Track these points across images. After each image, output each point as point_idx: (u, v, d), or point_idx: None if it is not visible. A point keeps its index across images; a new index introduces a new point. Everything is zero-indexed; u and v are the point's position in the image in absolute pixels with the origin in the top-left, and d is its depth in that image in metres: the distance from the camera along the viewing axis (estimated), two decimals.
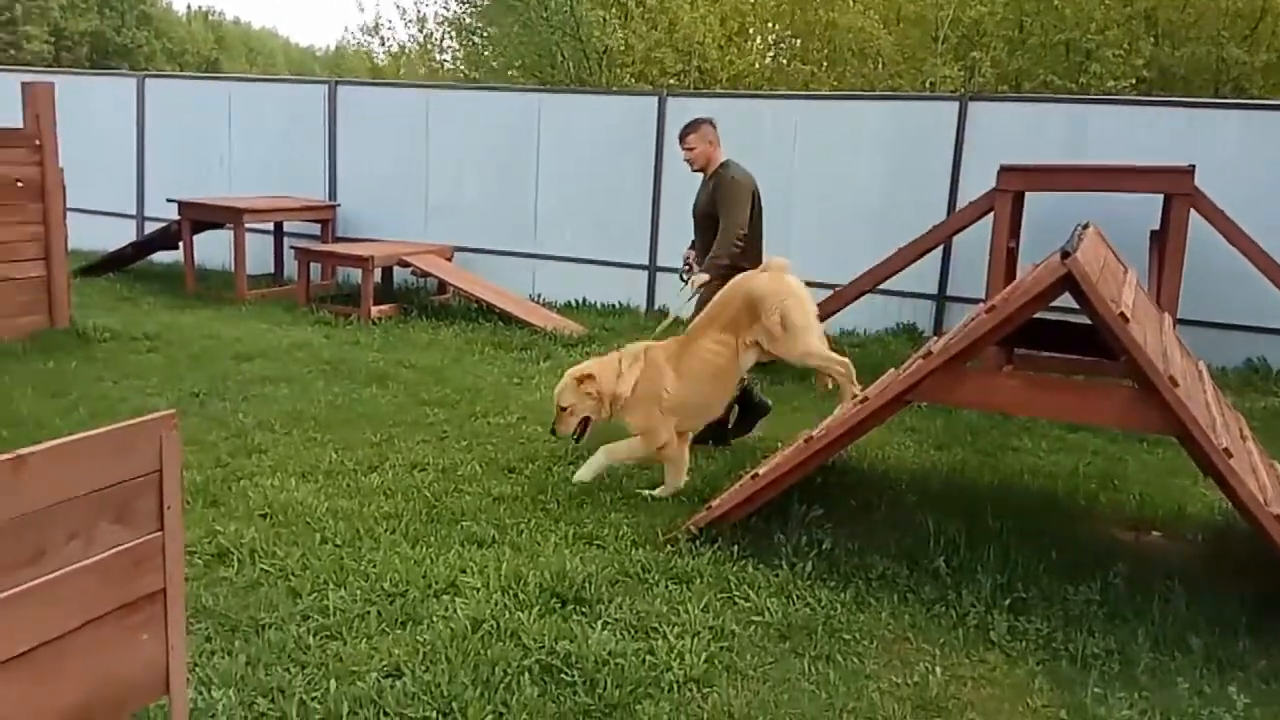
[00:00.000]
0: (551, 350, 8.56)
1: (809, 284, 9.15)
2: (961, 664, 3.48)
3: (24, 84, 7.49)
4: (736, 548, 4.23)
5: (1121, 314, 3.59)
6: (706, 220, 6.13)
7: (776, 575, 4.03)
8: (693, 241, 6.41)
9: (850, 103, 10.13)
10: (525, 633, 3.40)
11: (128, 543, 2.28)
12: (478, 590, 3.72)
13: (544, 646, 3.32)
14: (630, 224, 10.37)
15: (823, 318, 8.23)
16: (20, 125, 7.39)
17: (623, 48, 15.34)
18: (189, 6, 40.87)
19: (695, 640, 3.44)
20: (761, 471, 4.43)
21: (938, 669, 3.41)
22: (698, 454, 5.74)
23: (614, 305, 10.43)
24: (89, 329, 7.80)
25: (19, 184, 7.26)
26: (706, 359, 5.08)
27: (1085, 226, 4.60)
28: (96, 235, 11.62)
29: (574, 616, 3.57)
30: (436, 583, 3.79)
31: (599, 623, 3.52)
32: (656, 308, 10.32)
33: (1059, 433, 6.48)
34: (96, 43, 29.76)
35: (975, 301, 8.33)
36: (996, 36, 16.71)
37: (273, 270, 11.32)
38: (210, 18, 41.51)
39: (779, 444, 5.73)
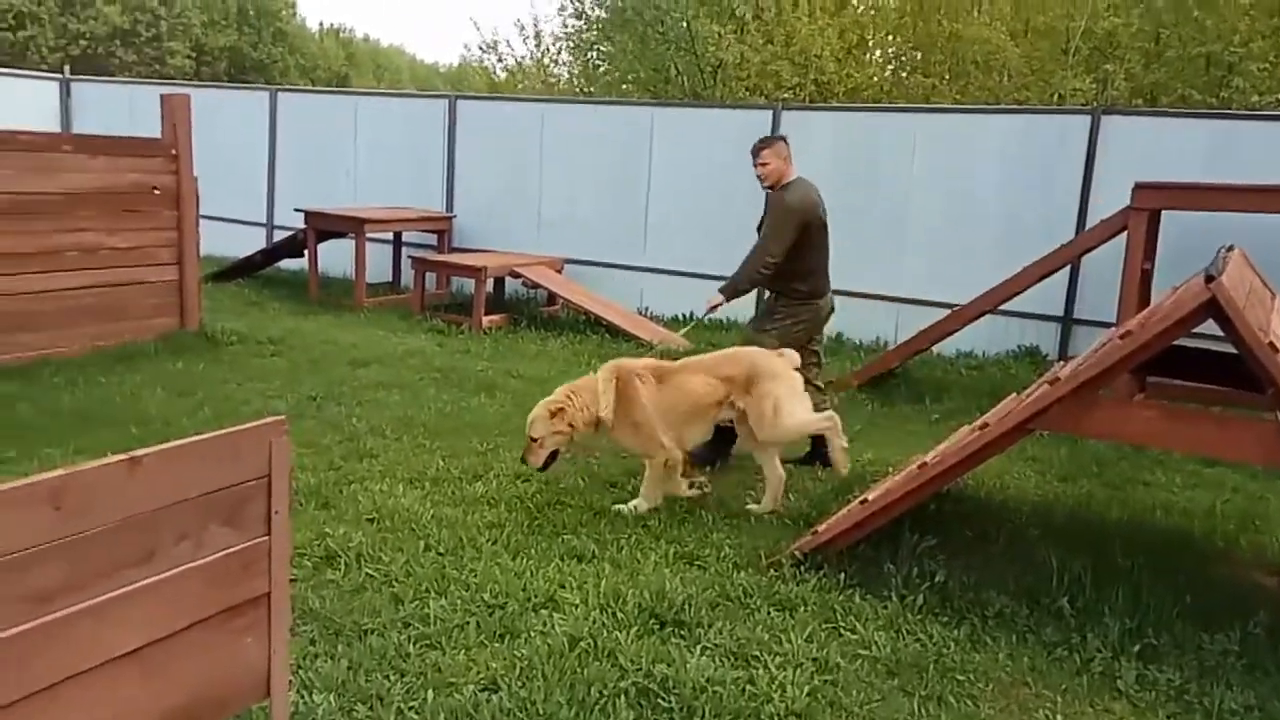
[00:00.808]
0: None
1: (927, 303, 9.04)
2: (1084, 713, 3.26)
3: (162, 96, 7.88)
4: (843, 576, 4.07)
5: (1271, 343, 3.31)
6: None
7: (885, 607, 3.87)
8: None
9: (974, 116, 9.79)
10: (623, 653, 3.33)
11: (236, 546, 2.32)
12: (576, 606, 3.68)
13: (641, 669, 3.25)
14: (741, 238, 10.17)
15: (940, 338, 8.05)
16: (159, 136, 7.77)
17: (738, 61, 15.23)
18: (321, 24, 42.75)
19: (798, 672, 3.32)
20: (871, 497, 4.26)
21: (1059, 717, 3.19)
22: (803, 475, 5.60)
23: (721, 320, 10.30)
24: (217, 332, 8.13)
25: (156, 191, 7.64)
26: (690, 391, 4.97)
27: (1229, 249, 4.29)
28: (228, 242, 12.18)
29: (672, 639, 3.49)
30: (535, 596, 3.76)
31: (698, 647, 3.43)
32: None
33: (1194, 467, 6.08)
34: (234, 58, 31.34)
35: (1104, 325, 7.93)
36: (1131, 49, 15.96)
37: (391, 279, 11.64)
38: (341, 35, 43.24)
39: (889, 468, 5.54)
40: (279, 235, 12.29)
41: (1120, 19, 15.55)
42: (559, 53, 20.21)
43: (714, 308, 6.08)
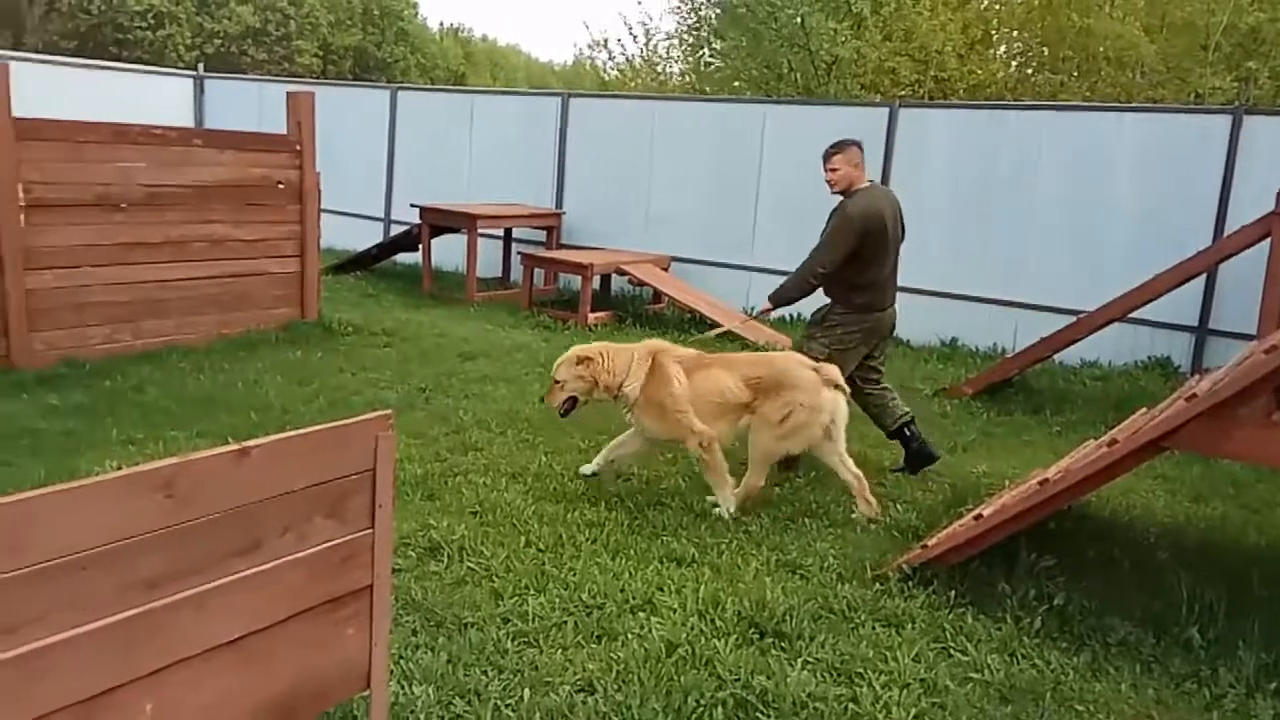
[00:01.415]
0: None
1: (1050, 309, 8.66)
2: None
3: (288, 93, 8.15)
4: (954, 593, 3.90)
5: None
6: None
7: (999, 629, 3.68)
8: None
9: (1105, 114, 9.31)
10: (721, 662, 3.25)
11: (339, 538, 2.33)
12: (674, 611, 3.62)
13: (740, 679, 3.16)
14: None
15: (1063, 346, 7.69)
16: (284, 131, 8.04)
17: (854, 57, 14.90)
18: (442, 24, 43.82)
19: (904, 692, 3.18)
20: (986, 513, 4.07)
21: None
22: (911, 485, 5.41)
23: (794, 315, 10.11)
24: (334, 323, 8.38)
25: (280, 186, 7.90)
26: (719, 387, 4.86)
27: None
28: (347, 235, 12.57)
29: (772, 651, 3.39)
30: (633, 598, 3.72)
31: (799, 660, 3.33)
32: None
33: None
34: (359, 57, 32.41)
35: (1243, 337, 7.44)
36: (1277, 46, 14.97)
37: (500, 274, 11.82)
38: (460, 34, 44.23)
39: (1005, 482, 5.31)
40: (395, 230, 12.61)
41: (1266, 14, 14.59)
42: (668, 51, 20.18)
43: (764, 313, 5.95)
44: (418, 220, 10.99)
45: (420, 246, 11.07)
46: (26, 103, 11.57)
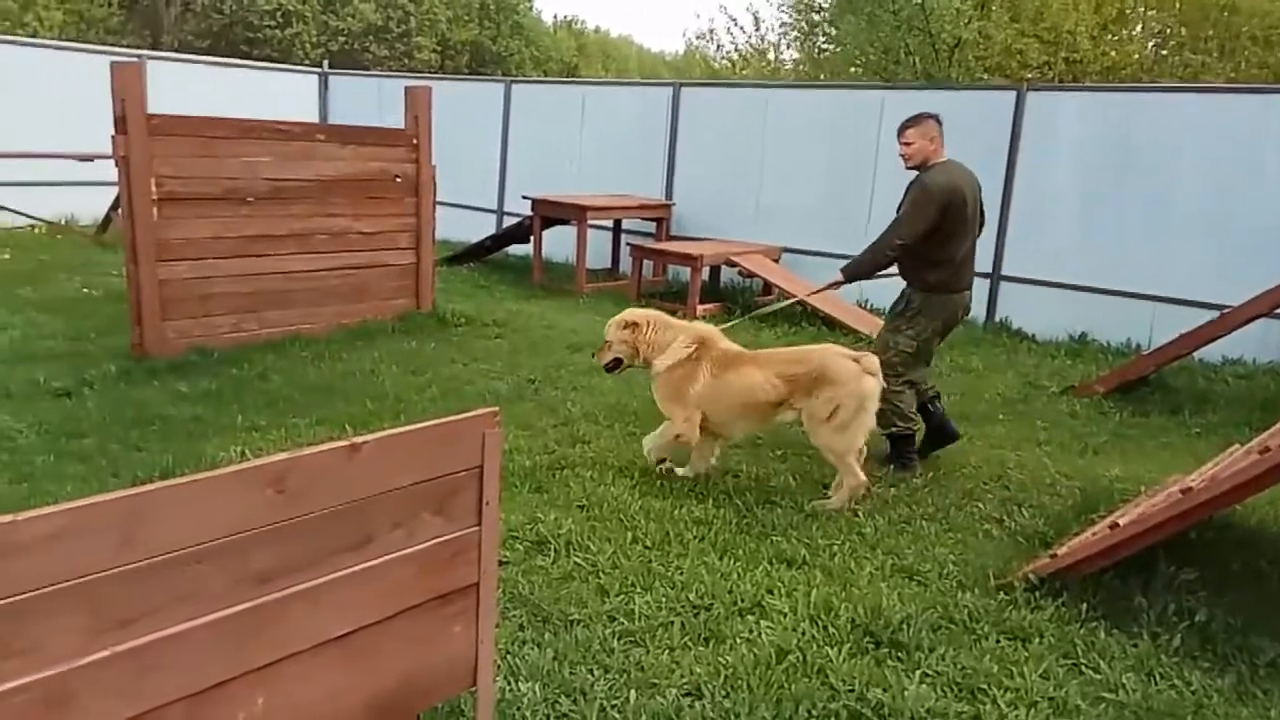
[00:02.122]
0: None
1: (1190, 303, 8.14)
2: None
3: (406, 88, 8.30)
4: (1085, 606, 3.67)
5: None
6: None
7: (1135, 646, 3.44)
8: None
9: (1253, 96, 8.69)
10: (833, 672, 3.13)
11: (446, 535, 2.31)
12: (784, 615, 3.50)
13: (854, 691, 3.04)
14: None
15: (1204, 343, 7.20)
16: (402, 126, 8.19)
17: (978, 39, 14.33)
18: (556, 16, 44.29)
19: (1031, 711, 3.00)
20: (1123, 521, 3.82)
21: None
22: (1038, 489, 5.13)
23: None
24: (448, 314, 8.51)
25: (398, 179, 8.06)
26: (748, 386, 4.78)
27: None
28: (462, 227, 12.78)
29: (888, 662, 3.25)
30: (742, 600, 3.62)
31: (917, 673, 3.17)
32: (997, 318, 9.52)
33: None
34: (475, 51, 33.01)
35: None
36: None
37: (610, 265, 11.82)
38: (573, 27, 44.61)
39: (1141, 488, 4.99)
40: (508, 221, 12.76)
41: None
42: (780, 38, 19.87)
43: (834, 285, 5.75)
44: (529, 212, 11.09)
45: (531, 238, 11.16)
46: (163, 99, 12.13)
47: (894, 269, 5.47)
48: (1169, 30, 15.94)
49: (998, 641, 3.45)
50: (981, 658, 3.30)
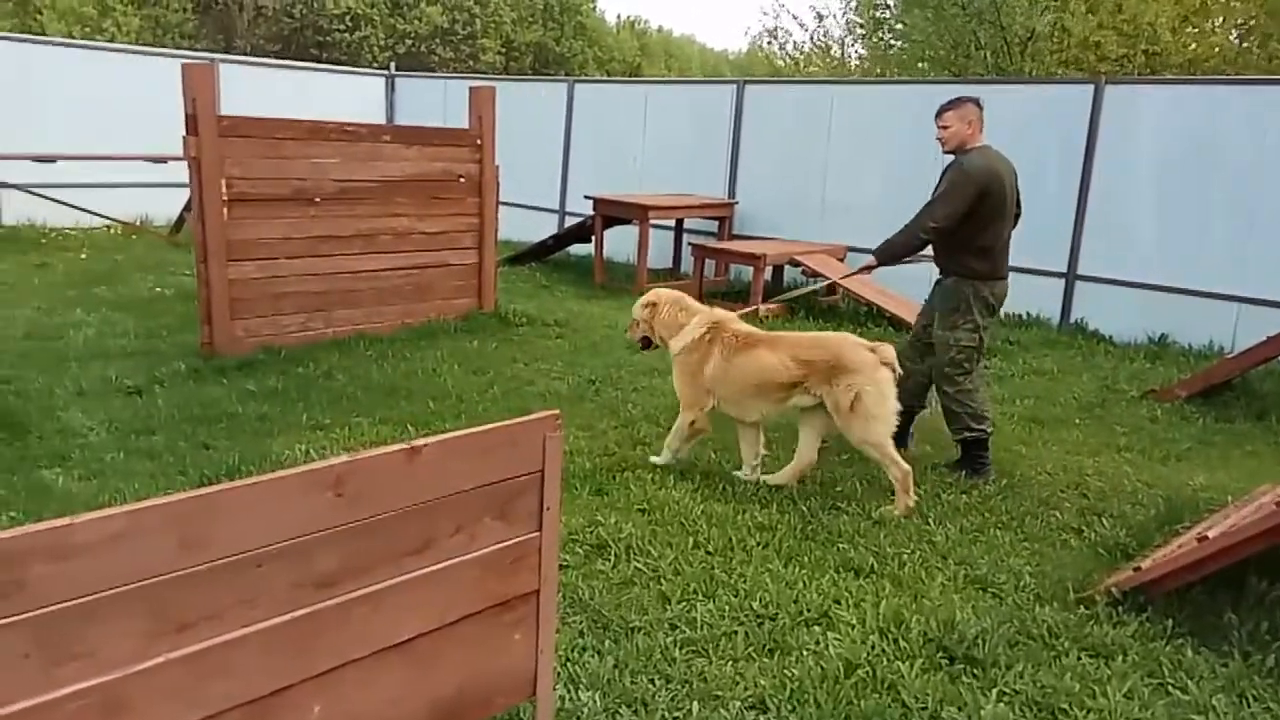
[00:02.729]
0: None
1: (1277, 305, 7.78)
2: None
3: (470, 89, 8.32)
4: (1171, 622, 3.49)
5: None
6: None
7: (1224, 666, 3.26)
8: None
9: None
10: (905, 688, 3.01)
11: (507, 540, 2.26)
12: (852, 627, 3.39)
13: (926, 709, 2.91)
14: (1046, 227, 9.31)
15: None
16: (466, 126, 8.21)
17: (1054, 32, 13.92)
18: (619, 16, 44.34)
19: None
20: (1212, 534, 3.62)
21: None
22: (1120, 499, 4.92)
23: (1021, 316, 9.48)
24: (509, 313, 8.51)
25: (461, 179, 8.08)
26: (762, 367, 4.76)
27: None
28: (524, 227, 12.81)
29: (963, 678, 3.11)
30: (808, 610, 3.51)
31: (993, 691, 3.04)
32: (1072, 319, 9.22)
33: None
34: (539, 52, 33.19)
35: None
36: None
37: (671, 265, 11.74)
38: (636, 26, 44.62)
39: (1228, 497, 4.76)
40: (570, 221, 12.76)
41: None
42: (844, 37, 19.58)
43: (866, 269, 5.70)
44: (591, 212, 11.06)
45: (593, 238, 11.14)
46: (235, 102, 12.37)
47: (928, 251, 5.41)
48: (1253, 21, 15.31)
49: (1079, 659, 3.29)
50: (1062, 676, 3.15)
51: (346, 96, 14.97)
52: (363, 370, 6.68)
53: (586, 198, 11.21)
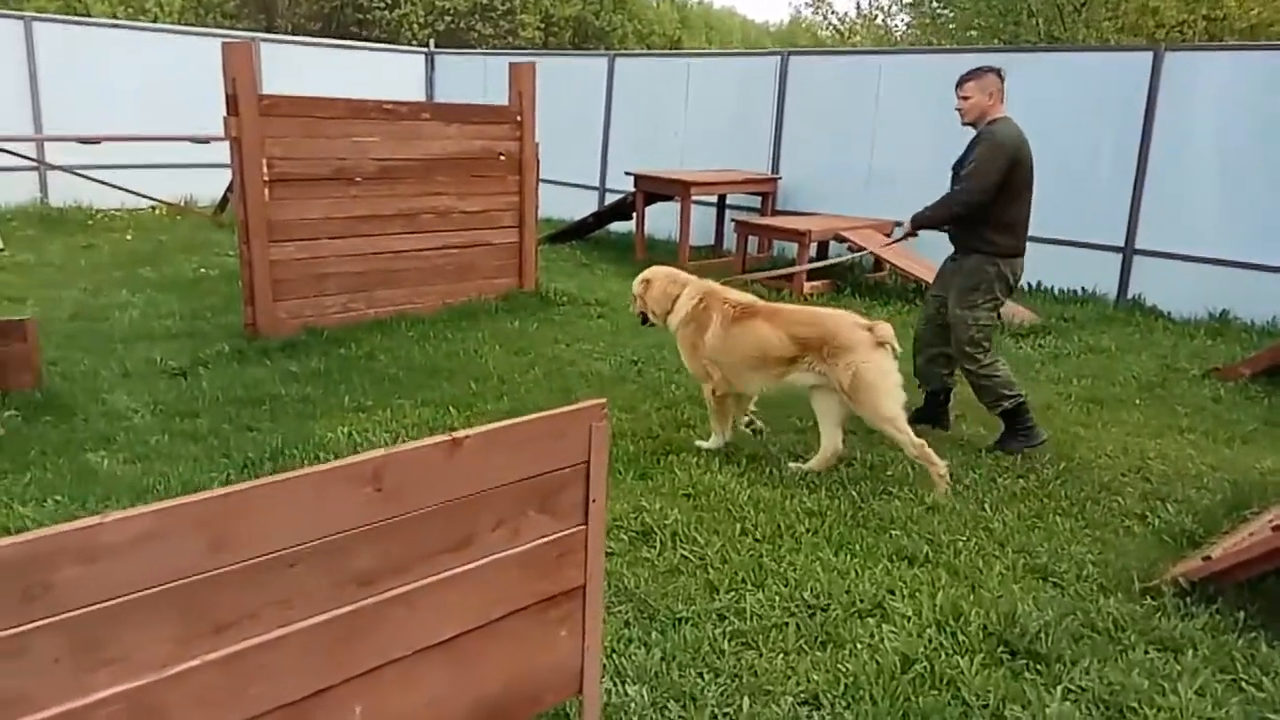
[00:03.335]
0: (997, 339, 7.64)
1: None
2: None
3: (510, 65, 8.20)
4: (1243, 614, 3.33)
5: None
6: (960, 184, 5.16)
7: None
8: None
9: None
10: (965, 684, 2.89)
11: (552, 534, 2.17)
12: (908, 619, 3.26)
13: (988, 706, 2.79)
14: (1103, 199, 9.06)
15: None
16: (506, 103, 8.11)
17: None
18: None
19: None
20: None
21: None
22: (1184, 483, 4.73)
23: (1076, 291, 9.22)
24: (550, 293, 8.43)
25: (501, 157, 7.99)
26: (759, 339, 4.69)
27: None
28: (564, 204, 12.70)
29: (1026, 674, 2.98)
30: (861, 600, 3.40)
31: (1058, 688, 2.90)
32: (1130, 295, 8.94)
33: None
34: (579, 27, 32.88)
35: None
36: None
37: (713, 242, 11.57)
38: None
39: None
40: (611, 198, 12.62)
41: None
42: (892, 3, 19.11)
43: (907, 236, 5.54)
44: (632, 188, 10.92)
45: (634, 215, 11.00)
46: (276, 81, 12.37)
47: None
48: None
49: (1146, 653, 3.14)
50: (1129, 671, 3.00)
51: (386, 74, 14.93)
52: (404, 351, 6.64)
53: (627, 174, 11.06)
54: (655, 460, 4.77)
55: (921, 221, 5.34)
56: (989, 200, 5.01)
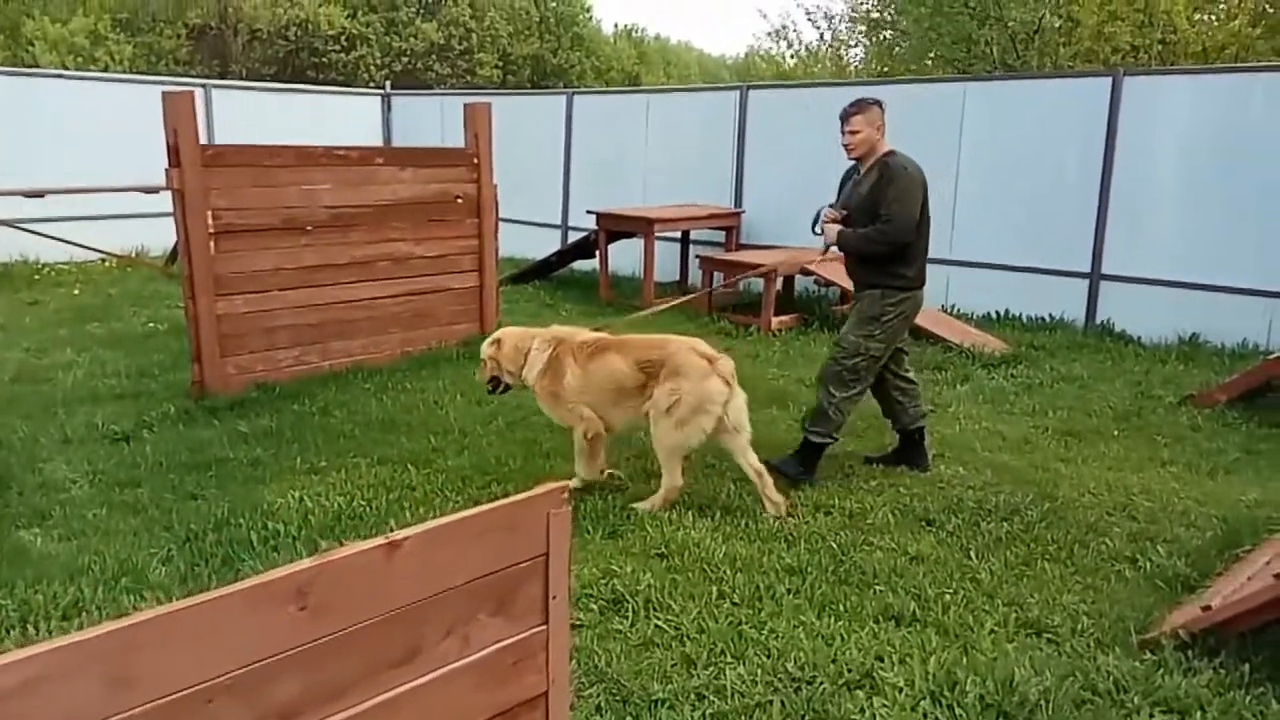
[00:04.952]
0: (969, 371, 7.60)
1: None
2: None
3: (465, 105, 8.03)
4: (1248, 667, 3.15)
5: None
6: (866, 217, 5.05)
7: None
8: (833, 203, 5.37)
9: None
10: None
11: (508, 638, 1.94)
12: (899, 691, 3.06)
13: None
14: (1067, 225, 9.02)
15: None
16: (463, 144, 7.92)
17: (1063, 25, 13.57)
18: (616, 25, 43.97)
19: None
20: None
21: None
22: (1171, 521, 4.58)
23: (1044, 319, 9.15)
24: None
25: (458, 200, 7.79)
26: (613, 373, 4.69)
27: None
28: (527, 243, 12.50)
29: None
30: (849, 670, 3.19)
31: None
32: (1098, 321, 8.88)
33: None
34: (536, 65, 32.90)
35: None
36: None
37: (678, 278, 11.42)
38: (633, 35, 44.33)
39: None
40: (574, 236, 12.45)
41: None
42: (850, 35, 19.25)
43: (828, 251, 5.48)
44: (594, 226, 10.76)
45: (597, 253, 10.83)
46: (232, 128, 12.12)
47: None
48: (1267, 7, 14.89)
49: (1152, 717, 2.96)
50: None
51: (342, 117, 14.71)
52: (360, 405, 6.38)
53: (589, 212, 10.91)
54: (625, 516, 4.55)
55: (843, 245, 5.17)
56: (913, 237, 4.92)
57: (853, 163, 5.34)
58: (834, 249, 5.35)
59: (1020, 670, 3.12)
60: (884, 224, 4.93)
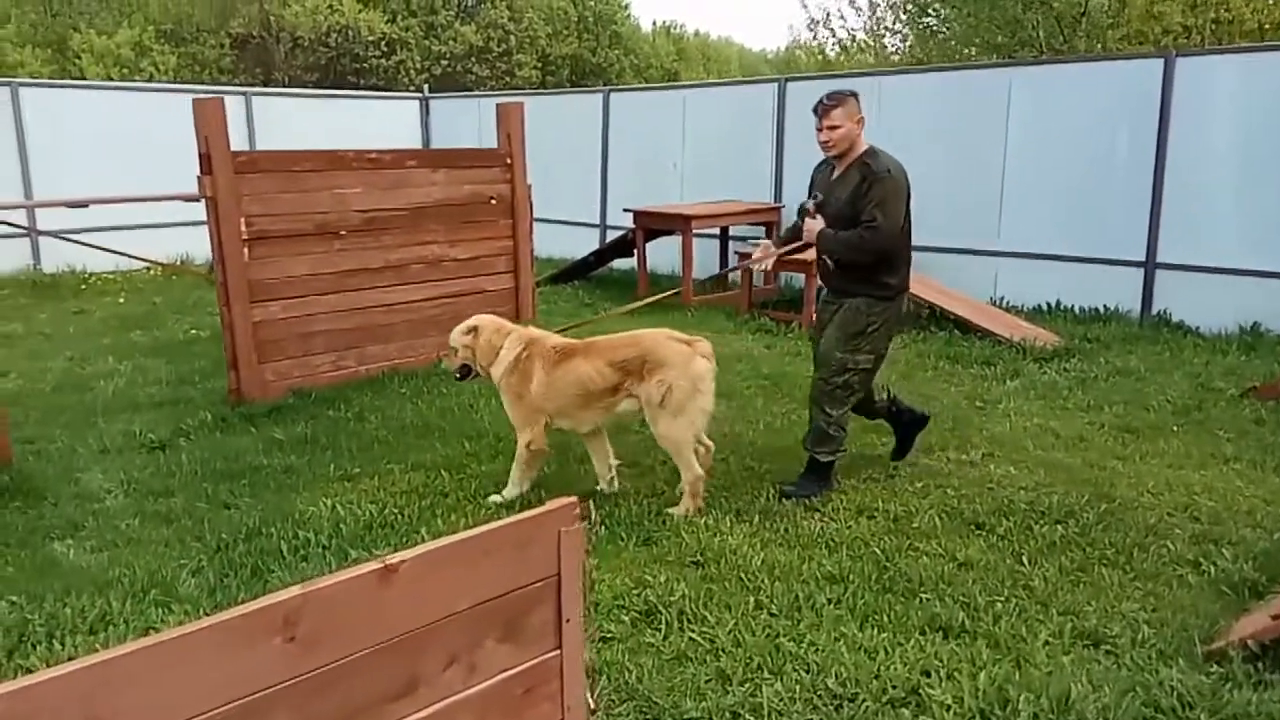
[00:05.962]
0: (1020, 365, 7.34)
1: None
2: None
3: (498, 105, 7.95)
4: None
5: None
6: (843, 221, 4.68)
7: None
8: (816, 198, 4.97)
9: None
10: None
11: (517, 666, 1.83)
12: (948, 709, 2.88)
13: None
14: (1120, 213, 8.71)
15: None
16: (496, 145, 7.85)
17: (1111, 6, 13.15)
18: (654, 22, 43.90)
19: None
20: None
21: None
22: (1237, 522, 4.34)
23: (1097, 310, 8.84)
24: None
25: (492, 201, 7.71)
26: (580, 378, 4.59)
27: None
28: (565, 243, 12.42)
29: None
30: (893, 686, 3.02)
31: None
32: (1154, 312, 8.55)
33: None
34: (576, 64, 32.89)
35: None
36: None
37: (717, 274, 11.24)
38: (672, 31, 44.13)
39: None
40: (613, 235, 12.34)
41: None
42: (894, 21, 18.89)
43: (802, 248, 5.19)
44: (631, 225, 10.63)
45: (635, 251, 10.71)
46: (273, 134, 12.20)
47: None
48: None
49: None
50: None
51: (382, 122, 14.78)
52: (395, 410, 6.32)
53: (626, 210, 10.78)
54: (660, 522, 4.42)
55: (824, 246, 4.83)
56: (897, 245, 4.66)
57: (824, 157, 4.96)
58: (767, 260, 5.30)
59: (1077, 685, 2.93)
60: (867, 230, 4.59)
